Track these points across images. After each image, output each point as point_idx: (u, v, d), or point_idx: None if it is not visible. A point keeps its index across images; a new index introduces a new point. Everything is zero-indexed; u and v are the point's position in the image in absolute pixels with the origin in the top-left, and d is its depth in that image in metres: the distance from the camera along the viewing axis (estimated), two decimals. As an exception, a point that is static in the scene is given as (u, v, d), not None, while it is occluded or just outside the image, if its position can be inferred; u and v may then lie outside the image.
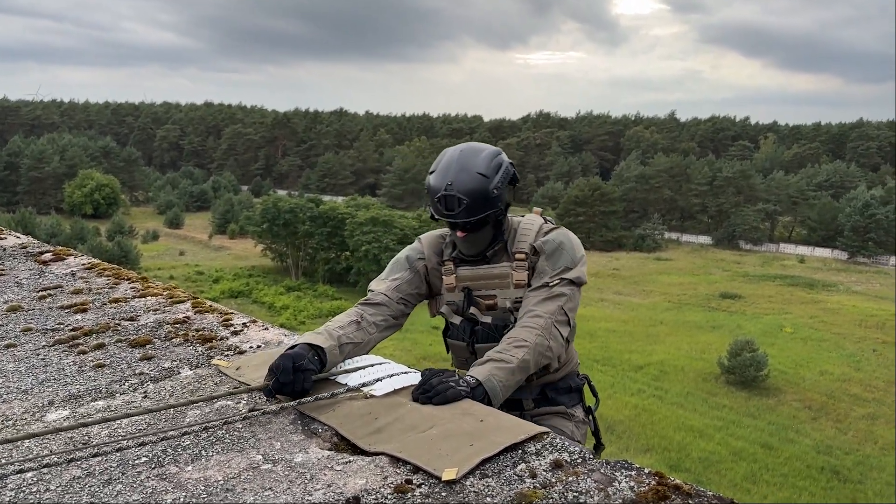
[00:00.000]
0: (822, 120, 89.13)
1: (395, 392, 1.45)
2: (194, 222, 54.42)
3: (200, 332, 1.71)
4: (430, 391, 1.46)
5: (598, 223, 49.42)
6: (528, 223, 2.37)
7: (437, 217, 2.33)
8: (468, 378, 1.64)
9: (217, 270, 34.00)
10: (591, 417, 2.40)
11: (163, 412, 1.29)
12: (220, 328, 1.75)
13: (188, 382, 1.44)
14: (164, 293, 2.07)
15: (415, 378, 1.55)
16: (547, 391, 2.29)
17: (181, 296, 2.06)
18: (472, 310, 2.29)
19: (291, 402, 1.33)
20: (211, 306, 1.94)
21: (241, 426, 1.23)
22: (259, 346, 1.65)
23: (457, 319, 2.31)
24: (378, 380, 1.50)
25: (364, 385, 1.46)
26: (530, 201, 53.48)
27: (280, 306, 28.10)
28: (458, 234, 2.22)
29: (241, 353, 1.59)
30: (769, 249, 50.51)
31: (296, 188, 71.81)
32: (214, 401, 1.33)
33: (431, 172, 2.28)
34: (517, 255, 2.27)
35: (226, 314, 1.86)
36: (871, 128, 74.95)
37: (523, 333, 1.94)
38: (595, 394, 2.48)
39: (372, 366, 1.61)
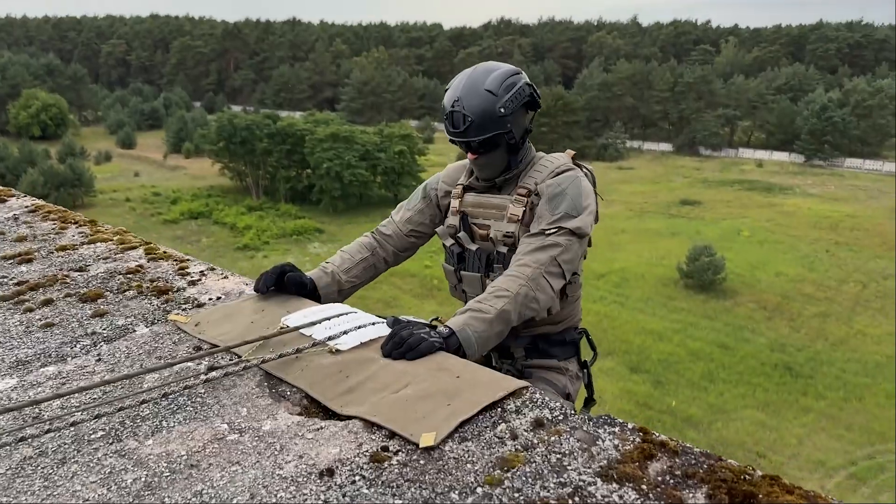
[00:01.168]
0: (782, 22, 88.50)
1: (364, 346, 1.36)
2: (147, 142, 52.76)
3: (155, 284, 1.60)
4: (402, 345, 1.38)
5: (560, 134, 49.10)
6: (550, 160, 2.25)
7: (452, 141, 2.26)
8: (441, 329, 1.57)
9: (174, 191, 33.22)
10: (585, 371, 2.38)
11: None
12: (176, 278, 1.63)
13: (144, 342, 1.33)
14: (115, 238, 1.94)
15: (383, 329, 1.47)
16: (539, 342, 2.24)
17: (133, 241, 1.91)
18: (461, 234, 2.24)
19: (254, 361, 1.23)
20: (165, 252, 1.81)
21: (203, 391, 1.14)
22: (219, 298, 1.54)
23: (448, 241, 2.26)
24: (344, 332, 1.40)
25: (330, 338, 1.35)
26: (492, 112, 52.58)
27: (242, 227, 27.72)
28: (469, 155, 2.14)
29: (200, 306, 1.48)
30: (728, 155, 51.00)
31: (251, 104, 69.68)
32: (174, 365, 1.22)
33: (446, 90, 2.19)
34: (519, 189, 2.19)
35: (181, 261, 1.74)
36: (830, 29, 74.78)
37: (506, 283, 1.85)
38: (593, 347, 2.43)
39: (338, 316, 1.50)
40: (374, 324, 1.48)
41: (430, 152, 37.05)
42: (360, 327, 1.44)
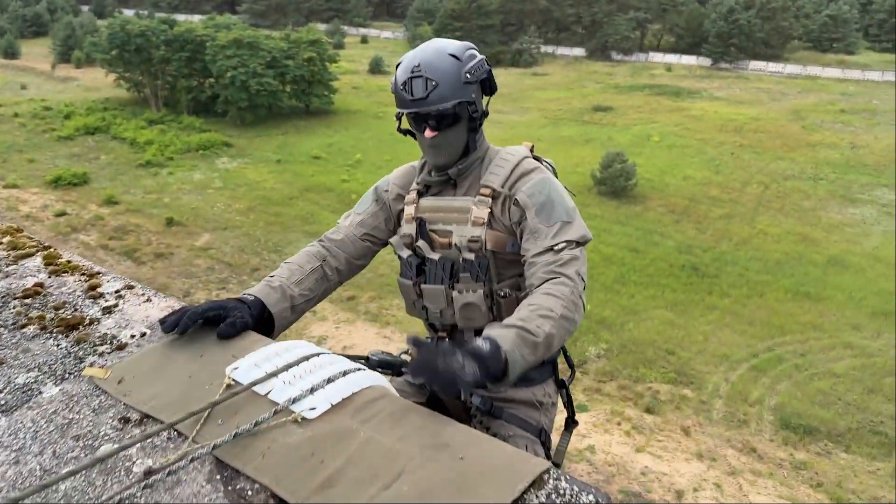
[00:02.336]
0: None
1: (338, 409, 1.09)
2: (33, 50, 48.55)
3: (61, 313, 1.29)
4: (436, 379, 1.16)
5: (475, 38, 48.01)
6: (508, 154, 2.05)
7: (404, 130, 2.02)
8: (480, 344, 1.33)
9: (67, 105, 30.89)
10: (564, 391, 2.25)
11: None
12: (87, 302, 1.33)
13: (55, 412, 1.04)
14: (5, 240, 1.55)
15: (359, 380, 1.18)
16: None
17: (28, 244, 1.53)
18: (420, 243, 2.01)
19: (203, 447, 0.95)
20: (69, 262, 1.48)
21: (140, 497, 0.87)
22: (143, 335, 1.25)
23: (405, 253, 2.05)
24: (311, 390, 1.11)
25: (294, 400, 1.07)
26: (405, 15, 50.84)
27: (143, 142, 26.15)
28: (427, 133, 1.92)
29: (122, 347, 1.20)
30: (639, 59, 51.38)
31: (144, 7, 64.75)
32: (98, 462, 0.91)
33: (398, 66, 1.95)
34: (482, 189, 1.97)
35: (91, 275, 1.43)
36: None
37: (549, 301, 1.64)
38: (570, 364, 2.29)
39: (300, 361, 1.20)
40: (345, 373, 1.20)
41: (341, 59, 35.56)
42: (329, 380, 1.15)
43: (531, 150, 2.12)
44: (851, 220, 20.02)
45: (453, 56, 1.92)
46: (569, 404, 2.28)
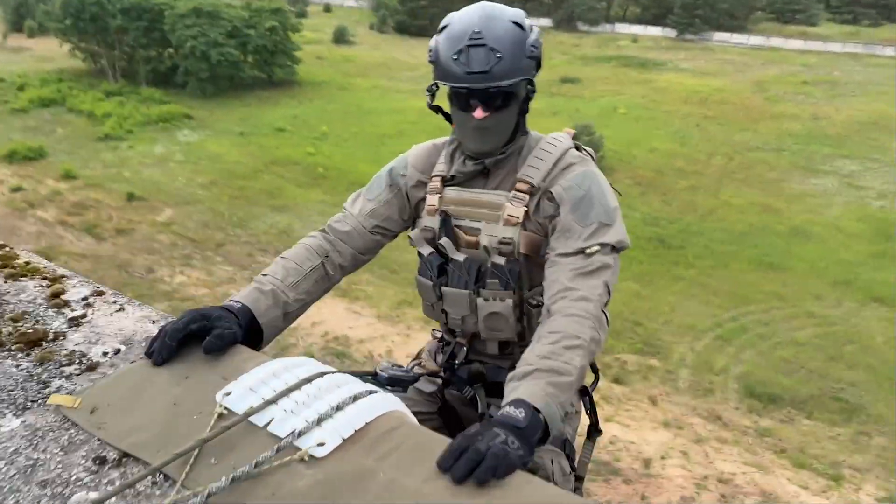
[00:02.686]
0: None
1: (351, 443, 0.93)
2: (-21, 19, 46.69)
3: (20, 325, 1.13)
4: (478, 466, 0.94)
5: (441, 9, 47.42)
6: (550, 143, 1.79)
7: (435, 107, 1.74)
8: (513, 413, 1.16)
9: (20, 76, 29.83)
10: (587, 398, 2.08)
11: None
12: (51, 313, 1.17)
13: (17, 451, 0.89)
14: None
15: (372, 407, 1.02)
16: None
17: None
18: (444, 241, 1.82)
19: (196, 496, 0.81)
20: (28, 264, 1.32)
21: None
22: (117, 352, 1.07)
23: (426, 250, 1.81)
24: (318, 420, 0.94)
25: (300, 434, 0.91)
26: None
27: (101, 115, 25.39)
28: (477, 113, 1.64)
29: (92, 368, 1.03)
30: (605, 30, 51.27)
31: (97, -28, 62.47)
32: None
33: (442, 29, 1.64)
34: (519, 184, 1.77)
35: (53, 279, 1.27)
36: None
37: (574, 326, 1.44)
38: (594, 369, 2.04)
39: (301, 384, 1.02)
40: (355, 398, 1.02)
41: (304, 28, 34.83)
42: (338, 408, 0.98)
43: (573, 138, 1.94)
44: (813, 191, 20.36)
45: (516, 24, 1.66)
46: (592, 411, 2.11)
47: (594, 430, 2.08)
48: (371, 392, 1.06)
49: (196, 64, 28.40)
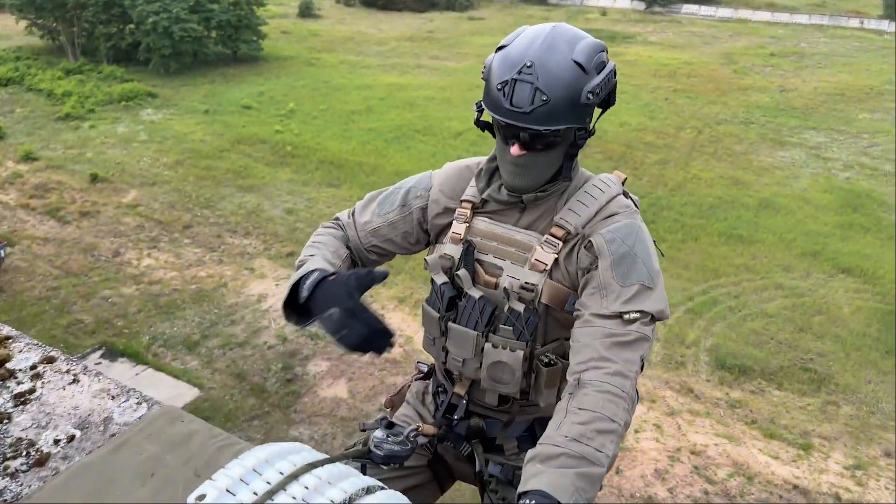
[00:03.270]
0: None
1: None
2: (-72, -6, 44.89)
3: None
4: None
5: (407, -21, 46.83)
6: (596, 187, 1.64)
7: (483, 123, 1.59)
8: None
9: (-27, 54, 28.90)
10: None
11: None
12: None
13: None
14: None
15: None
16: (536, 427, 1.73)
17: None
18: (462, 272, 1.66)
19: None
20: None
21: None
22: (71, 438, 0.88)
23: (440, 278, 1.66)
24: None
25: None
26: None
27: (61, 93, 24.70)
28: (513, 149, 1.50)
29: (42, 463, 0.84)
30: (574, 2, 51.07)
31: (52, -55, 60.41)
32: None
33: (501, 48, 1.51)
34: (554, 229, 1.61)
35: None
36: None
37: (609, 407, 1.29)
38: None
39: (286, 484, 0.85)
40: (358, 496, 0.87)
41: (268, 2, 34.10)
42: (349, 500, 0.83)
43: (623, 183, 1.77)
44: (781, 163, 20.56)
45: (578, 65, 1.49)
46: None
47: None
48: (368, 490, 0.91)
49: (158, 40, 27.70)
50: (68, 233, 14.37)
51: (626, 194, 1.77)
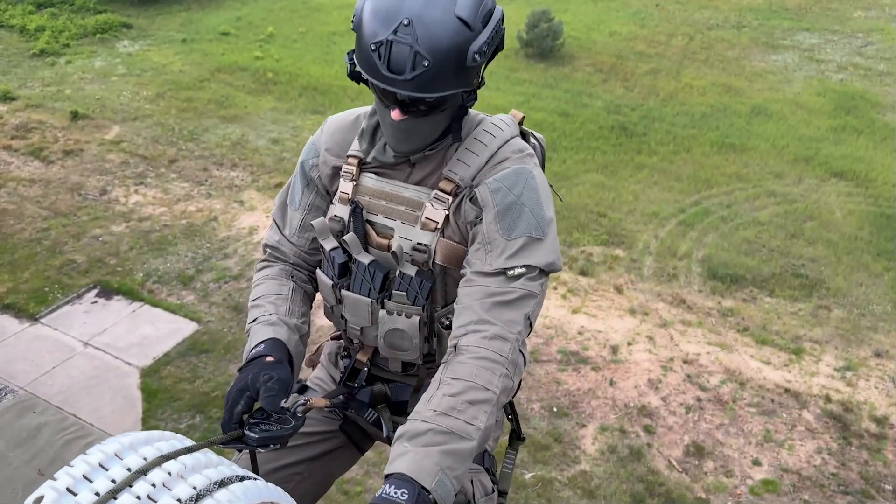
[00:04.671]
0: None
1: None
2: None
3: None
4: None
5: None
6: (487, 132, 1.52)
7: (361, 77, 1.42)
8: (392, 493, 0.95)
9: (-64, -9, 27.77)
10: (508, 406, 1.88)
11: None
12: None
13: None
14: None
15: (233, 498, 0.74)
16: None
17: None
18: (349, 237, 1.56)
19: None
20: None
21: None
22: None
23: (329, 244, 1.55)
24: None
25: None
26: None
27: (34, 29, 23.93)
28: (393, 114, 1.37)
29: None
30: None
31: None
32: None
33: None
34: (443, 183, 1.49)
35: None
36: None
37: (483, 375, 1.19)
38: None
39: (133, 480, 0.71)
40: (209, 491, 0.72)
41: (240, -79, 32.61)
42: (196, 498, 0.70)
43: (520, 123, 1.64)
44: (774, 68, 20.21)
45: (462, 21, 1.31)
46: (513, 418, 1.94)
47: (516, 438, 1.92)
48: (223, 482, 0.85)
49: (130, -35, 26.61)
50: (53, 172, 14.20)
51: (524, 135, 1.65)
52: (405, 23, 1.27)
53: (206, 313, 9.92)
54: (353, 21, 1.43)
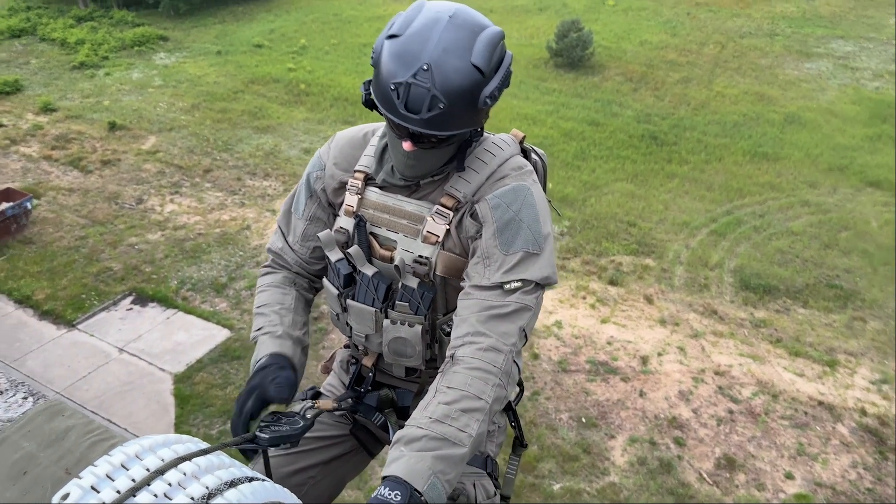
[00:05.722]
0: None
1: None
2: (-67, -55, 44.37)
3: None
4: None
5: None
6: (489, 151, 1.59)
7: (371, 102, 1.51)
8: (386, 495, 1.03)
9: (-17, 6, 28.70)
10: (511, 413, 1.93)
11: None
12: None
13: None
14: None
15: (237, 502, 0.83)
16: None
17: None
18: (353, 249, 1.63)
19: None
20: None
21: None
22: None
23: (335, 255, 1.63)
24: None
25: None
26: None
27: (74, 42, 24.56)
28: (405, 145, 1.44)
29: None
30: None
31: None
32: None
33: (392, 36, 1.38)
34: (444, 198, 1.56)
35: None
36: None
37: (476, 385, 1.27)
38: (518, 381, 1.86)
39: (149, 481, 0.82)
40: (219, 490, 0.83)
41: (273, -65, 33.16)
42: (208, 496, 0.81)
43: (521, 142, 1.70)
44: (807, 76, 19.95)
45: (477, 69, 1.39)
46: (516, 425, 1.98)
47: (519, 445, 1.96)
48: (233, 483, 0.88)
49: (165, -19, 27.25)
50: (91, 182, 14.54)
51: (525, 152, 1.70)
52: (424, 67, 1.34)
53: (238, 320, 10.07)
54: (372, 57, 1.50)
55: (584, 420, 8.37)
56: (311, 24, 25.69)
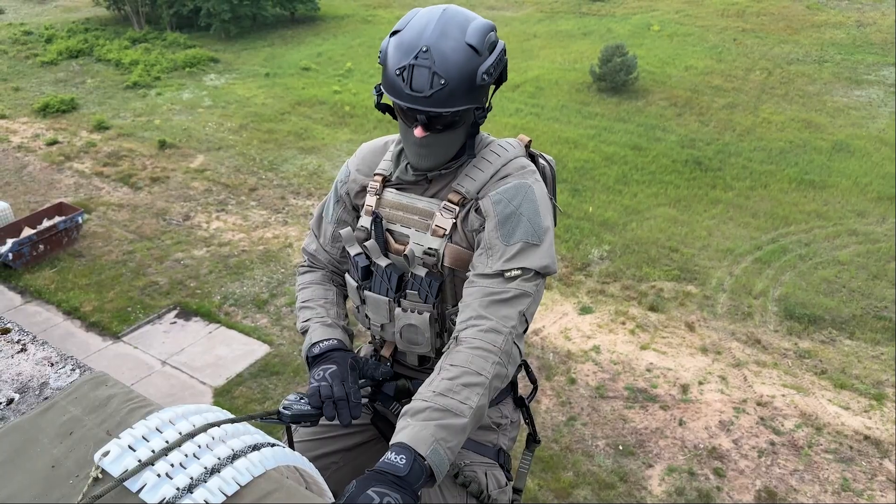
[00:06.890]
0: None
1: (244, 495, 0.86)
2: (1, -29, 46.50)
3: None
4: None
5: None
6: (494, 152, 1.69)
7: (383, 105, 1.67)
8: (394, 459, 1.14)
9: (47, 28, 29.90)
10: (524, 409, 2.02)
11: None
12: None
13: None
14: None
15: (256, 464, 0.93)
16: None
17: None
18: (370, 243, 1.75)
19: None
20: None
21: None
22: (10, 401, 0.96)
23: (354, 250, 1.78)
24: (189, 487, 0.86)
25: (190, 488, 0.84)
26: None
27: (129, 62, 25.42)
28: (416, 131, 1.56)
29: None
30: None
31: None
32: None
33: (394, 33, 1.55)
34: (451, 195, 1.68)
35: None
36: None
37: (477, 362, 1.38)
38: (532, 380, 2.02)
39: (180, 443, 0.94)
40: (233, 457, 0.92)
41: (323, -39, 33.97)
42: (214, 471, 0.90)
43: (528, 146, 1.81)
44: (857, 103, 19.56)
45: (472, 47, 1.53)
46: (530, 421, 2.07)
47: (532, 440, 2.06)
48: (256, 447, 0.98)
49: (218, 5, 28.06)
50: (140, 198, 14.96)
51: (533, 157, 1.79)
52: (424, 49, 1.48)
53: (277, 336, 10.21)
54: (379, 57, 1.63)
55: (621, 447, 8.26)
56: (357, 48, 26.18)
